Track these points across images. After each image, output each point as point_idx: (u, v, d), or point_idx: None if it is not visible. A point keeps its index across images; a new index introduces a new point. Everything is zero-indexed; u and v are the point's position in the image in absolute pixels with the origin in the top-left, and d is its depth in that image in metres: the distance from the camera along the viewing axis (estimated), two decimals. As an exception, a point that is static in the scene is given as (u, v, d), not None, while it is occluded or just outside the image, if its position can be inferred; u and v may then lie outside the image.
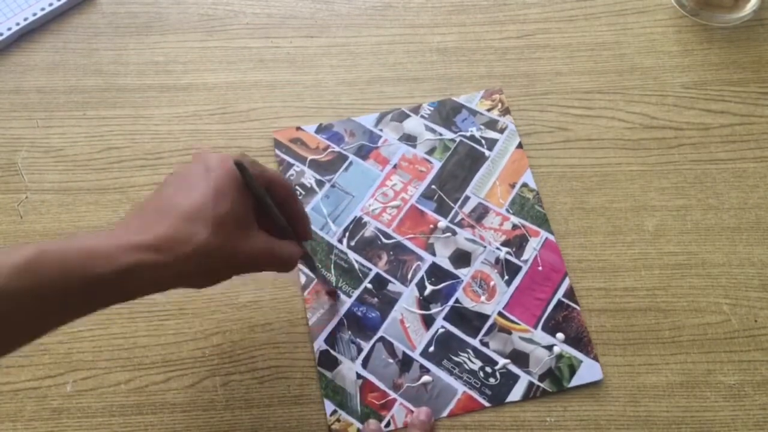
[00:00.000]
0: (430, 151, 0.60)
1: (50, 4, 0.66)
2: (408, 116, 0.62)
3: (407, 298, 0.54)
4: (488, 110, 0.62)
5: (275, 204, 0.43)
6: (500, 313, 0.53)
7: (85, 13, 0.68)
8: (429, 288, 0.54)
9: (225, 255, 0.39)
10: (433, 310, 0.54)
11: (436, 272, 0.55)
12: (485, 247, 0.56)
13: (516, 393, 0.51)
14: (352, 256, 0.56)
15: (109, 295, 0.37)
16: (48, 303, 0.35)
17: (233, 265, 0.41)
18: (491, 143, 0.60)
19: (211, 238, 0.38)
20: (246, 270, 0.42)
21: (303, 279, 0.55)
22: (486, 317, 0.53)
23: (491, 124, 0.61)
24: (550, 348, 0.52)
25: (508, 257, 0.55)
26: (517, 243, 0.56)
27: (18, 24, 0.65)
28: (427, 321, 0.53)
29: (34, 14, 0.66)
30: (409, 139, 0.61)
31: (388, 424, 0.50)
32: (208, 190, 0.39)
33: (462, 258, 0.56)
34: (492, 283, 0.55)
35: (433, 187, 0.59)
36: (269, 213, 0.43)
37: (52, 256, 0.34)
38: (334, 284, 0.55)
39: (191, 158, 0.42)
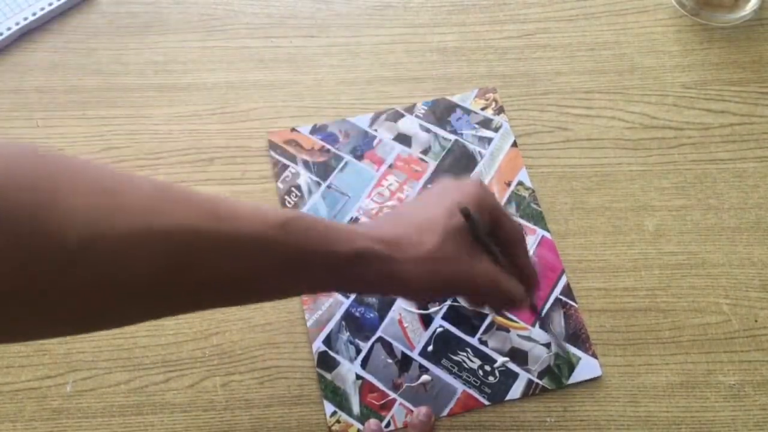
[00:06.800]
0: (425, 151, 0.60)
1: (50, 4, 0.66)
2: (402, 116, 0.62)
3: (407, 298, 0.54)
4: (482, 109, 0.62)
5: (500, 244, 0.44)
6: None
7: (85, 13, 0.68)
8: (428, 288, 0.54)
9: (449, 267, 0.40)
10: (431, 310, 0.54)
11: (435, 272, 0.55)
12: (485, 247, 0.56)
13: (515, 391, 0.51)
14: (352, 256, 0.56)
15: (340, 274, 0.38)
16: (295, 263, 0.36)
17: (454, 280, 0.41)
18: (486, 142, 0.60)
19: (439, 246, 0.40)
20: (465, 290, 0.44)
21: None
22: (484, 316, 0.53)
23: (486, 123, 0.61)
24: (548, 345, 0.52)
25: (508, 257, 0.55)
26: (517, 243, 0.56)
27: (18, 24, 0.65)
28: (426, 320, 0.53)
29: (34, 14, 0.66)
30: (404, 139, 0.61)
31: (388, 424, 0.50)
32: (443, 208, 0.41)
33: (461, 258, 0.56)
34: (491, 283, 0.54)
35: (429, 186, 0.59)
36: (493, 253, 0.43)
37: (303, 222, 0.37)
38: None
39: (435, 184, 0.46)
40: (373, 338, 0.53)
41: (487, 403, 0.50)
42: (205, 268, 0.33)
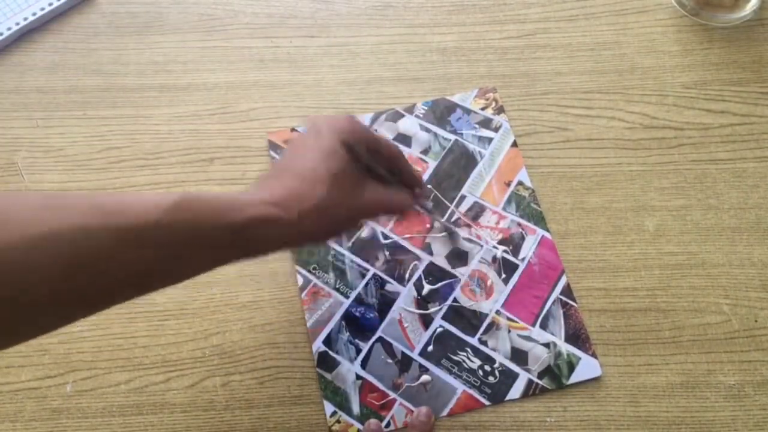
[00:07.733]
0: (425, 151, 0.60)
1: (50, 4, 0.66)
2: (402, 116, 0.62)
3: (405, 298, 0.54)
4: (482, 109, 0.62)
5: (383, 165, 0.46)
6: (498, 312, 0.53)
7: (85, 13, 0.68)
8: (427, 287, 0.54)
9: (343, 208, 0.42)
10: (431, 310, 0.54)
11: (433, 272, 0.55)
12: (482, 245, 0.56)
13: (515, 391, 0.51)
14: (350, 257, 0.56)
15: (239, 244, 0.39)
16: (192, 242, 0.37)
17: (351, 216, 0.44)
18: (486, 142, 0.60)
19: (327, 194, 0.41)
20: (360, 219, 0.47)
21: (300, 280, 0.55)
22: (484, 316, 0.53)
23: (485, 123, 0.61)
24: (548, 345, 0.52)
25: (505, 255, 0.55)
26: (514, 241, 0.56)
27: (18, 24, 0.65)
28: (426, 320, 0.53)
29: (34, 14, 0.66)
30: (404, 139, 0.61)
31: (388, 425, 0.50)
32: (320, 152, 0.42)
33: (459, 257, 0.56)
34: (489, 282, 0.55)
35: (429, 186, 0.59)
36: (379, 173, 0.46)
37: (192, 200, 0.37)
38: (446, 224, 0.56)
39: (306, 124, 0.46)
40: (373, 338, 0.53)
41: (487, 403, 0.50)
42: (103, 264, 0.34)
